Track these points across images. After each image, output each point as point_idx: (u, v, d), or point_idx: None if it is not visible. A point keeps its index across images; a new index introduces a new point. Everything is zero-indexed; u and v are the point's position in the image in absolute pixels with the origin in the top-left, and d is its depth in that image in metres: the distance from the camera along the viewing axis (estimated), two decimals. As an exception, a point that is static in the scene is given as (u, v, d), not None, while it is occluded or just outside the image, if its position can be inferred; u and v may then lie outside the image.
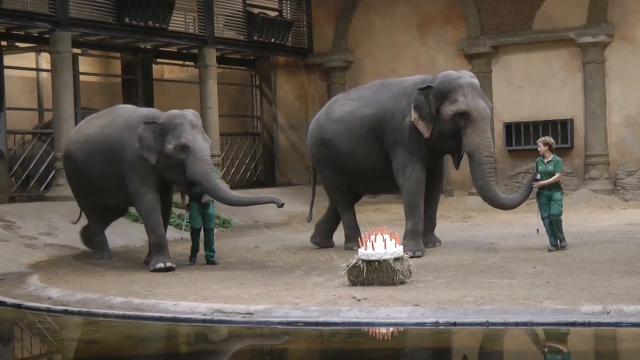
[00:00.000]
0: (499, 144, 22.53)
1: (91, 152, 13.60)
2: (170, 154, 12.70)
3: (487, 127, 13.04)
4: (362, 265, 10.50)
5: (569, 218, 18.11)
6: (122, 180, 13.16)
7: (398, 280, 10.47)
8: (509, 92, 22.55)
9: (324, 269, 12.32)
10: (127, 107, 14.36)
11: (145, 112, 13.58)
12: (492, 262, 12.18)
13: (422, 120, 13.00)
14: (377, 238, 10.55)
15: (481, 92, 13.26)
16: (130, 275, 12.44)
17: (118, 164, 13.17)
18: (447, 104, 12.91)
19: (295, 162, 26.16)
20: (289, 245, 15.17)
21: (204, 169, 12.71)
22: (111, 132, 13.40)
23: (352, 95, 14.47)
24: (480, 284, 10.30)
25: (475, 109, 12.90)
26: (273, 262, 13.26)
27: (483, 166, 12.85)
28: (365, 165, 13.86)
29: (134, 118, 13.34)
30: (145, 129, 12.87)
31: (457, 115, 12.83)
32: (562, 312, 8.54)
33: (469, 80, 13.13)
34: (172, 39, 21.77)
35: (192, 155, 12.68)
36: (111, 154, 13.26)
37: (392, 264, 10.46)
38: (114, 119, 13.58)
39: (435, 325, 8.64)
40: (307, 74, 25.89)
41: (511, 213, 19.75)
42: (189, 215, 13.57)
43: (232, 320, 9.26)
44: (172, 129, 12.78)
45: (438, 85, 13.10)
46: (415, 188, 13.25)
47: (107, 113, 14.11)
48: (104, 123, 13.68)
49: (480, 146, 12.85)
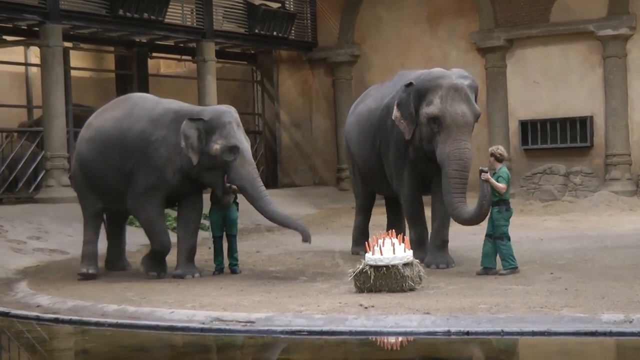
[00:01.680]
0: (515, 143, 22.54)
1: (106, 150, 12.81)
2: (216, 155, 12.26)
3: (462, 135, 12.06)
4: (370, 271, 10.48)
5: (589, 221, 18.15)
6: (130, 180, 12.62)
7: (407, 287, 10.45)
8: (525, 88, 22.53)
9: (329, 274, 12.31)
10: (144, 96, 13.73)
11: (174, 106, 12.84)
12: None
13: (403, 120, 12.49)
14: (385, 242, 10.54)
15: (467, 95, 12.29)
16: (124, 281, 12.43)
17: (138, 161, 12.54)
18: (424, 106, 12.27)
19: (299, 161, 26.18)
20: (292, 250, 15.16)
21: (251, 173, 12.42)
22: (131, 125, 12.70)
23: (380, 86, 14.45)
24: (494, 290, 10.28)
25: (450, 115, 12.04)
26: (275, 268, 13.25)
27: (449, 180, 12.01)
28: (371, 165, 13.74)
29: (159, 111, 12.71)
30: (189, 125, 12.26)
31: (431, 119, 12.17)
32: (581, 320, 8.51)
33: (453, 81, 12.25)
34: (168, 32, 21.78)
35: (241, 158, 12.34)
36: (131, 151, 12.59)
37: (401, 269, 10.44)
38: (132, 110, 12.87)
39: (447, 334, 8.62)
40: (311, 69, 25.90)
41: (527, 215, 19.80)
42: (210, 223, 13.26)
43: (232, 329, 9.24)
44: (220, 128, 12.31)
45: (418, 83, 12.49)
46: (411, 195, 12.88)
47: (118, 104, 13.35)
48: (120, 115, 12.92)
49: (449, 157, 11.96)
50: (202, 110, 12.74)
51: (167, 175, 12.44)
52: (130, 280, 12.46)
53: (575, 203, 21.02)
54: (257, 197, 12.40)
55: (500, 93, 22.75)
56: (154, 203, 12.56)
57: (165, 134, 12.47)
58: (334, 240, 16.43)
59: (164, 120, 12.53)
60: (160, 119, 12.56)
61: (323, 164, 25.94)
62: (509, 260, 11.51)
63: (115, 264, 13.66)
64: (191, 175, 12.43)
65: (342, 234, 17.14)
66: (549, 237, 15.50)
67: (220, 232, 13.12)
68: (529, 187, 22.02)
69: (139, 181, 12.50)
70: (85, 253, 13.16)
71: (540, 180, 21.89)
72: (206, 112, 12.59)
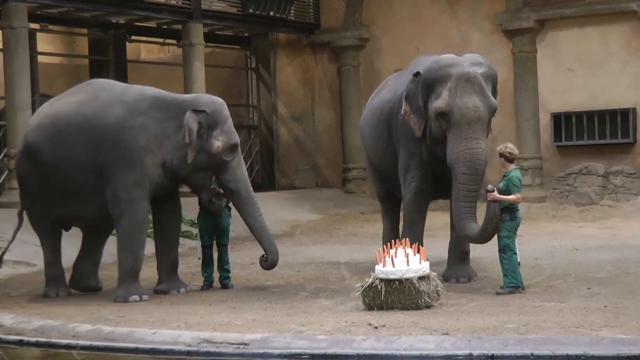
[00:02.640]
0: (546, 138, 22.56)
1: (64, 138, 12.27)
2: (217, 153, 12.19)
3: (473, 133, 11.88)
4: (380, 286, 10.48)
5: (631, 228, 18.13)
6: (103, 178, 12.08)
7: (423, 304, 10.45)
8: (558, 76, 22.54)
9: (333, 289, 12.32)
10: (108, 81, 13.47)
11: (150, 91, 12.51)
12: (538, 281, 12.16)
13: (413, 115, 12.42)
14: (397, 252, 10.54)
15: (481, 86, 12.08)
16: (99, 298, 12.42)
17: (105, 152, 12.05)
18: (433, 99, 12.16)
19: (299, 160, 26.22)
20: (292, 261, 15.17)
21: (246, 175, 12.60)
22: (97, 109, 12.25)
23: (399, 74, 14.28)
24: (523, 308, 10.28)
25: (459, 109, 11.89)
26: (272, 282, 13.25)
27: (458, 185, 11.88)
28: (385, 164, 13.72)
29: (132, 95, 12.36)
30: (192, 118, 12.02)
31: (439, 115, 12.05)
32: (623, 342, 8.50)
33: (464, 69, 12.07)
34: (150, 12, 21.81)
35: (238, 158, 12.44)
36: (98, 140, 12.09)
37: (416, 283, 10.43)
38: (97, 94, 12.46)
39: (468, 357, 8.61)
40: (313, 55, 25.95)
41: (561, 222, 19.82)
42: (199, 230, 13.24)
43: (223, 352, 9.22)
44: (222, 123, 12.26)
45: (425, 72, 12.35)
46: (412, 201, 12.78)
47: (78, 89, 12.91)
48: (82, 99, 12.48)
49: (459, 158, 11.82)
50: (196, 98, 12.62)
51: (149, 170, 12.05)
52: (106, 297, 12.44)
53: (615, 208, 21.02)
54: (250, 202, 12.49)
55: (530, 82, 22.76)
56: (140, 206, 12.07)
57: (143, 120, 12.11)
58: (339, 250, 16.44)
59: (141, 106, 12.22)
60: (136, 104, 12.24)
61: (327, 163, 25.96)
62: (510, 276, 11.28)
63: (85, 283, 13.08)
64: (177, 174, 12.24)
65: (348, 242, 17.16)
66: (585, 247, 15.49)
67: (210, 240, 13.12)
68: (562, 189, 22.04)
69: (116, 179, 11.99)
70: (50, 276, 12.83)
71: (575, 181, 21.91)
72: (202, 102, 12.35)
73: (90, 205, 12.38)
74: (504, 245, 11.26)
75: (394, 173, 13.33)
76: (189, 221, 17.62)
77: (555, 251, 15.03)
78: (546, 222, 19.71)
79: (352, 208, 23.26)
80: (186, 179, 12.41)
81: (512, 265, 11.27)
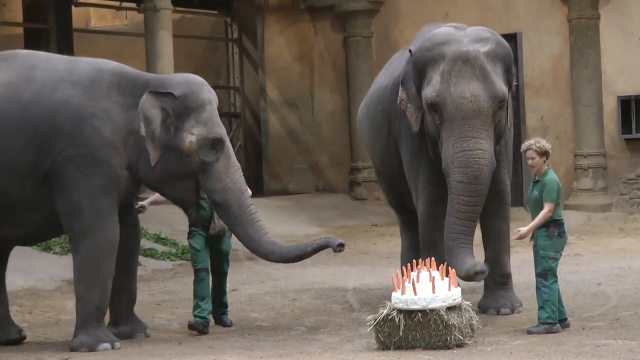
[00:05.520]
0: (611, 130, 22.56)
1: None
2: (191, 151, 11.47)
3: (470, 130, 11.79)
4: (398, 318, 10.50)
5: None
6: (49, 185, 11.38)
7: (454, 341, 10.46)
8: (627, 49, 22.56)
9: (338, 323, 12.35)
10: (36, 53, 12.46)
11: (107, 66, 11.82)
12: (601, 313, 12.20)
13: (410, 105, 12.37)
14: (420, 276, 10.57)
15: (484, 69, 11.93)
16: (39, 331, 12.41)
17: (55, 152, 11.35)
18: (425, 86, 12.11)
19: (294, 157, 26.24)
20: (285, 288, 15.22)
21: (238, 183, 11.76)
22: (38, 94, 11.48)
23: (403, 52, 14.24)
24: (581, 347, 10.31)
25: (453, 100, 11.80)
26: (260, 314, 13.31)
27: (452, 197, 11.86)
28: (389, 167, 13.75)
29: (85, 72, 11.62)
30: (152, 102, 11.42)
31: (430, 107, 11.99)
32: None
33: (464, 48, 12.00)
34: (102, -32, 21.84)
35: (225, 158, 11.66)
36: (42, 135, 11.35)
37: (444, 315, 10.45)
38: (31, 73, 11.66)
39: (511, 411, 8.67)
40: (312, 22, 25.97)
41: (631, 236, 19.82)
42: (190, 250, 12.62)
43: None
44: (197, 109, 11.53)
45: (416, 52, 12.28)
46: (427, 214, 12.68)
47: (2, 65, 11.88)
48: (11, 80, 11.62)
49: (453, 163, 11.78)
50: (165, 78, 12.07)
51: (116, 174, 11.47)
52: (47, 331, 12.44)
53: (700, 218, 21.11)
54: (245, 221, 11.73)
55: (591, 57, 22.77)
56: (110, 220, 11.45)
57: (106, 106, 11.50)
58: (347, 273, 16.49)
59: (100, 86, 11.59)
60: (92, 85, 11.59)
61: (330, 162, 26.00)
62: (549, 309, 11.17)
63: None
64: (146, 182, 11.76)
65: (357, 263, 17.20)
66: (661, 269, 15.56)
67: (205, 262, 12.43)
68: (632, 194, 22.07)
69: (74, 185, 11.37)
70: None
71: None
72: (174, 82, 11.79)
73: (23, 224, 11.73)
74: (547, 268, 11.16)
75: (400, 177, 13.33)
76: (152, 236, 17.68)
77: (623, 274, 15.04)
78: (611, 236, 19.70)
79: (362, 219, 23.27)
80: (160, 190, 11.97)
81: (554, 296, 11.22)
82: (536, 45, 22.93)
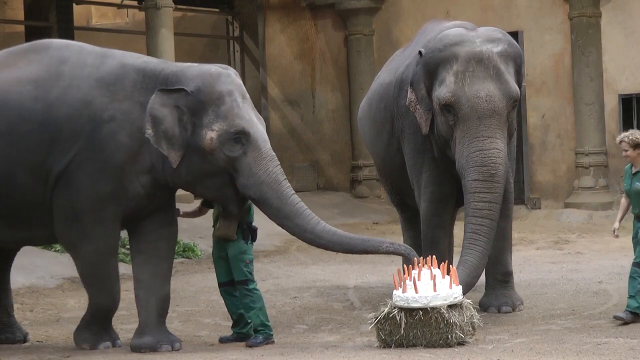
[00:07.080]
0: (613, 128, 22.53)
1: (11, 136, 11.02)
2: (213, 149, 10.84)
3: (486, 130, 11.84)
4: (400, 316, 10.50)
5: None
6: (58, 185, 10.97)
7: (455, 339, 10.47)
8: (628, 47, 22.55)
9: (339, 322, 12.37)
10: (73, 44, 11.79)
11: (135, 61, 11.26)
12: (602, 311, 12.22)
13: (419, 107, 12.34)
14: (422, 274, 10.56)
15: (497, 69, 11.95)
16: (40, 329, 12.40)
17: (78, 154, 10.93)
18: (436, 87, 12.11)
19: (295, 155, 26.23)
20: (286, 286, 15.21)
21: (274, 174, 11.16)
22: (63, 93, 11.03)
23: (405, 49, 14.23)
24: (582, 346, 10.31)
25: (468, 100, 11.83)
26: (260, 312, 13.29)
27: (468, 196, 11.86)
28: (390, 166, 13.75)
29: (111, 69, 11.13)
30: (162, 101, 10.84)
31: (444, 107, 11.99)
32: None
33: (476, 48, 12.02)
34: (103, -35, 21.84)
35: (255, 150, 11.00)
36: (64, 137, 10.94)
37: (445, 314, 10.46)
38: (60, 68, 11.20)
39: (512, 409, 8.68)
40: (313, 20, 25.96)
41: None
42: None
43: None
44: (214, 103, 10.86)
45: (427, 53, 12.26)
46: (430, 213, 12.73)
47: (28, 57, 11.53)
48: (40, 75, 11.21)
49: (468, 162, 11.81)
50: (181, 71, 11.15)
51: (129, 180, 11.01)
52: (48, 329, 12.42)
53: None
54: (290, 213, 11.05)
55: (592, 55, 22.76)
56: (107, 227, 11.11)
57: (127, 108, 11.00)
58: (347, 271, 16.49)
59: (124, 85, 11.07)
60: (117, 83, 11.08)
61: (331, 160, 26.00)
62: (639, 298, 11.35)
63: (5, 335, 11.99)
64: (175, 184, 11.19)
65: (358, 261, 17.17)
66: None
67: (226, 276, 11.61)
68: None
69: (78, 188, 11.00)
70: None
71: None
72: (188, 76, 11.06)
73: (50, 224, 11.24)
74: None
75: (402, 175, 13.35)
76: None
77: (625, 273, 14.94)
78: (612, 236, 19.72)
79: (364, 217, 23.26)
80: (192, 191, 11.54)
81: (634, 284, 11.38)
82: (537, 43, 22.91)
